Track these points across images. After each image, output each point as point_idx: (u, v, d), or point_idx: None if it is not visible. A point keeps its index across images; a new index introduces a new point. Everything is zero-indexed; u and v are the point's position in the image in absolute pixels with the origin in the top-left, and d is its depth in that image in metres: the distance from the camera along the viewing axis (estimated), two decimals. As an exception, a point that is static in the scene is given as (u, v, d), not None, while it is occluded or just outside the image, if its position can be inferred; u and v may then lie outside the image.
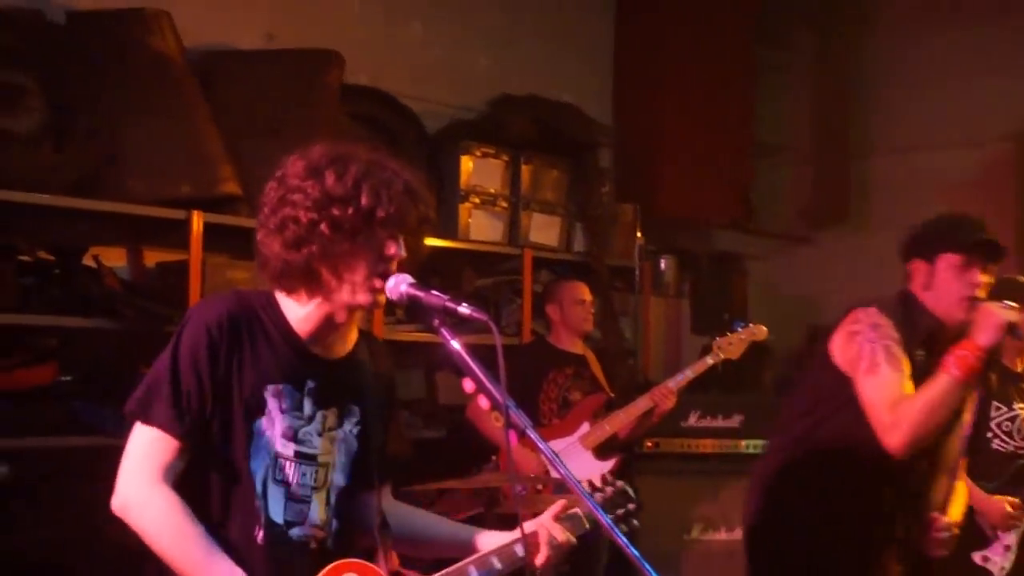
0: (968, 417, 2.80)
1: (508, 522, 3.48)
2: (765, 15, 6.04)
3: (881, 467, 2.65)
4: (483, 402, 3.86)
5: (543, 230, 5.14)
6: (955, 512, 2.77)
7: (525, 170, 5.08)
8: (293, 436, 1.95)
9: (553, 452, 1.92)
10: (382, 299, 1.94)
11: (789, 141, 6.23)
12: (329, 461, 1.99)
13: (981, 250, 2.64)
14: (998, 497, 3.48)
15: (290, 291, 1.95)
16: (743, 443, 4.80)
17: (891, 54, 6.07)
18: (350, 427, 2.03)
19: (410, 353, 4.83)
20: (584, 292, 4.49)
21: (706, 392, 4.75)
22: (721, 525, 4.72)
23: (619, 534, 1.84)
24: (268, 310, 1.97)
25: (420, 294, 1.92)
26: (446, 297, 1.91)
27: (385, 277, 1.93)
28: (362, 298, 1.93)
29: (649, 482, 4.63)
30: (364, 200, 1.88)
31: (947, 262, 2.66)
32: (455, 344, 1.91)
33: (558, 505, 2.12)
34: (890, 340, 2.63)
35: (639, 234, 5.43)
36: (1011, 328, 2.55)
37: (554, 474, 4.16)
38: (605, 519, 1.88)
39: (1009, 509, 3.47)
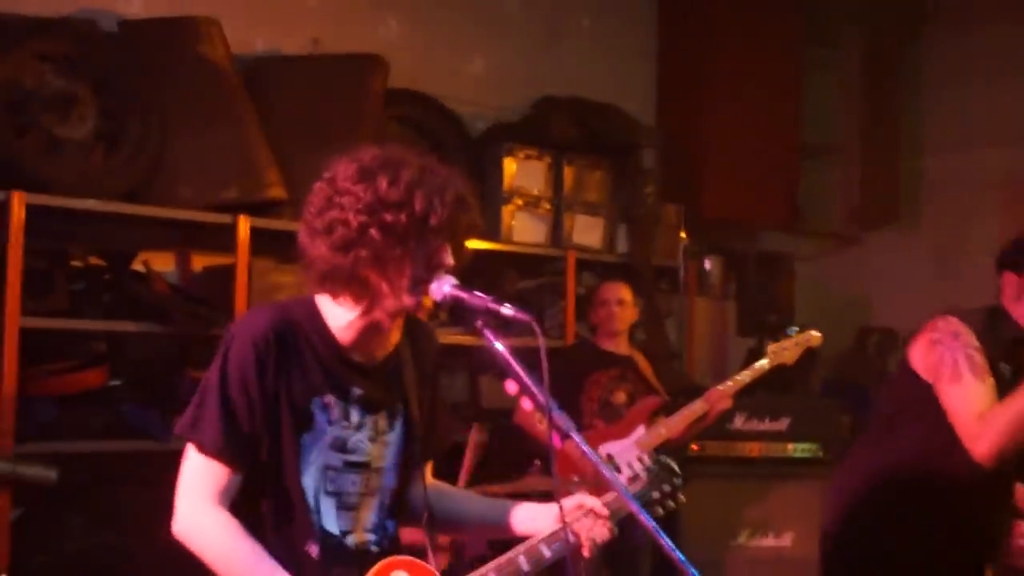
0: None
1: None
2: (813, 13, 5.97)
3: (961, 475, 2.65)
4: (526, 404, 3.85)
5: (586, 231, 5.13)
6: None
7: (568, 171, 5.07)
8: (342, 446, 1.97)
9: (602, 457, 1.91)
10: (428, 304, 1.93)
11: (837, 140, 6.16)
12: (381, 465, 2.01)
13: None
14: None
15: (334, 295, 1.94)
16: (790, 446, 4.74)
17: (941, 50, 5.98)
18: (399, 427, 2.04)
19: (454, 356, 4.83)
20: (611, 291, 4.45)
21: (752, 394, 4.69)
22: (769, 530, 4.66)
23: (663, 535, 1.81)
24: (310, 320, 1.96)
25: (464, 295, 1.93)
26: (489, 298, 1.91)
27: (430, 282, 1.92)
28: (408, 301, 1.92)
29: (695, 486, 4.50)
30: (417, 206, 1.87)
31: None
32: (499, 345, 1.91)
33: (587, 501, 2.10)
34: (970, 348, 2.63)
35: (683, 234, 5.39)
36: None
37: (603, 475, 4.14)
38: (649, 522, 1.86)
39: None
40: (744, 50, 5.55)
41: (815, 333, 4.21)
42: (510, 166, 4.92)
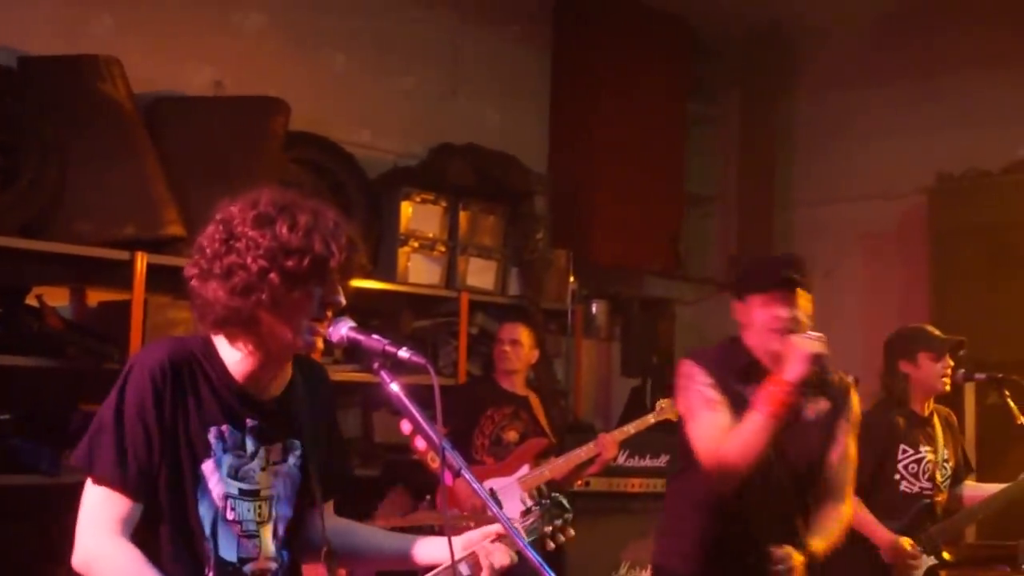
0: (849, 450, 2.89)
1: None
2: (696, 72, 6.30)
3: (730, 501, 2.79)
4: (420, 443, 3.95)
5: (479, 274, 5.29)
6: (816, 544, 2.78)
7: (463, 216, 5.24)
8: (236, 474, 1.99)
9: (487, 491, 2.03)
10: (320, 344, 1.98)
11: (717, 192, 6.48)
12: (272, 494, 2.02)
13: (779, 287, 2.76)
14: (900, 539, 3.63)
15: (230, 338, 1.97)
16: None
17: (811, 111, 6.33)
18: (294, 460, 2.05)
19: (346, 392, 4.91)
20: (505, 332, 4.61)
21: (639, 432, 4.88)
22: (648, 563, 4.83)
23: (548, 570, 1.90)
24: (206, 355, 1.98)
25: (361, 337, 1.98)
26: (386, 341, 1.97)
27: (324, 322, 1.98)
28: (302, 343, 1.96)
29: (579, 520, 4.71)
30: (316, 250, 1.91)
31: (753, 301, 2.79)
32: (394, 387, 1.97)
33: (493, 529, 2.16)
34: (702, 385, 2.80)
35: (572, 279, 5.60)
36: (817, 359, 2.65)
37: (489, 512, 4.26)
38: (535, 557, 1.95)
39: (907, 548, 3.61)
40: (632, 105, 5.83)
41: None
42: (407, 209, 5.05)
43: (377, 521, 4.06)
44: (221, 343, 1.99)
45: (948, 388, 3.81)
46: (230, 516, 1.97)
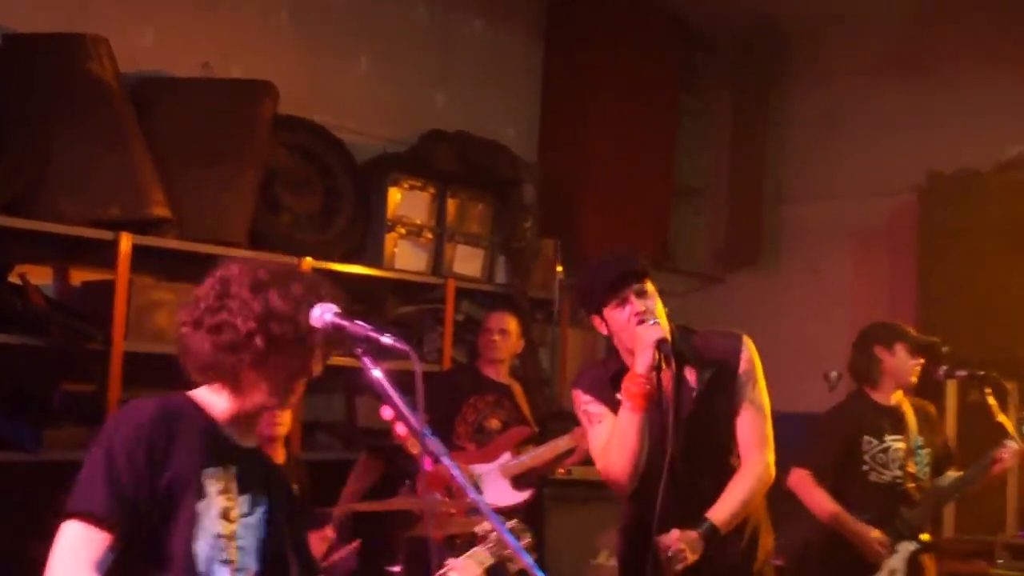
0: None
1: (420, 544, 3.60)
2: (687, 64, 6.29)
3: (634, 503, 2.89)
4: (401, 429, 3.95)
5: (466, 261, 5.29)
6: (716, 514, 2.79)
7: (451, 203, 5.23)
8: (227, 516, 2.03)
9: (466, 478, 2.03)
10: (292, 404, 2.11)
11: (707, 185, 6.48)
12: (245, 545, 2.05)
13: (618, 284, 2.79)
14: (868, 530, 3.68)
15: (211, 385, 2.06)
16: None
17: (803, 106, 6.33)
18: (260, 514, 2.09)
19: (331, 376, 4.87)
20: (494, 320, 4.60)
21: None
22: (627, 552, 4.86)
23: (528, 558, 1.94)
24: (191, 405, 2.06)
25: (344, 323, 2.01)
26: (369, 327, 2.00)
27: (297, 391, 2.08)
28: (274, 403, 2.07)
29: (559, 510, 4.78)
30: (302, 321, 2.01)
31: (607, 312, 2.83)
32: (376, 372, 1.99)
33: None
34: (583, 404, 2.93)
35: (560, 268, 5.60)
36: (660, 345, 2.69)
37: (468, 498, 4.28)
38: (514, 543, 1.98)
39: (875, 535, 3.68)
40: (623, 95, 5.82)
41: None
42: (395, 195, 5.04)
43: (347, 488, 4.05)
44: (203, 393, 2.08)
45: (914, 382, 3.85)
46: (224, 557, 2.01)
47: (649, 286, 2.85)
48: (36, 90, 4.01)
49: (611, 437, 2.81)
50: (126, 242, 4.08)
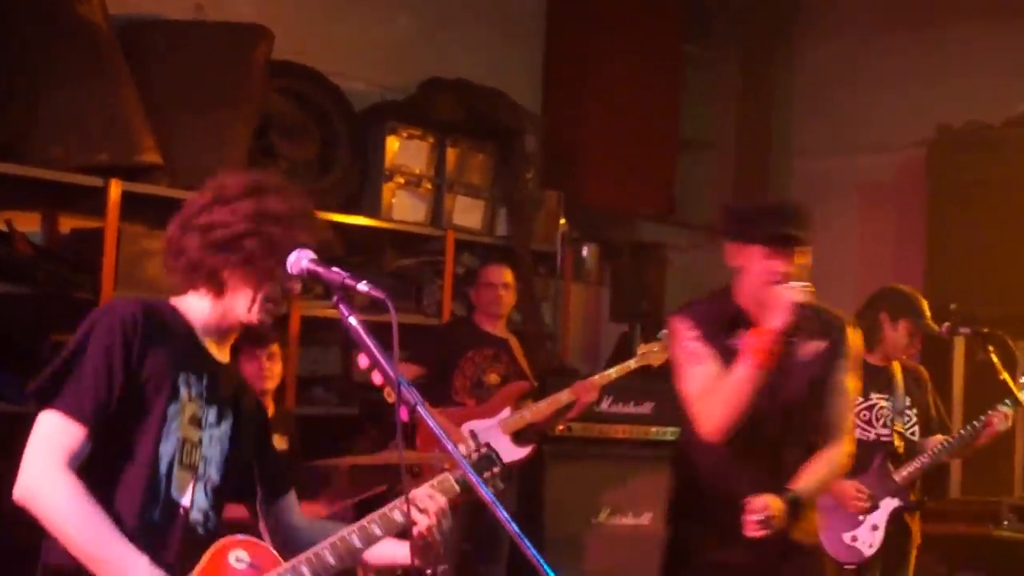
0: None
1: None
2: (696, 14, 6.13)
3: (722, 455, 2.77)
4: (376, 378, 3.89)
5: (467, 213, 5.19)
6: (802, 485, 2.75)
7: (451, 153, 5.12)
8: (198, 422, 2.05)
9: (441, 428, 1.96)
10: (269, 320, 2.10)
11: (713, 137, 6.35)
12: (208, 455, 2.07)
13: (785, 241, 2.69)
14: (846, 482, 3.64)
15: (194, 289, 2.05)
16: (653, 429, 4.90)
17: (812, 58, 6.21)
18: (226, 428, 2.10)
19: (327, 330, 4.85)
20: (497, 275, 4.53)
21: (623, 378, 4.83)
22: (628, 510, 4.81)
23: (500, 508, 1.88)
24: (171, 311, 2.07)
25: (320, 270, 1.99)
26: (346, 274, 1.96)
27: (278, 305, 2.08)
28: (255, 317, 2.07)
29: (559, 466, 4.72)
30: (297, 230, 2.03)
31: (752, 251, 2.72)
32: (352, 320, 1.96)
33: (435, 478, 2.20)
34: (688, 339, 2.78)
35: (563, 221, 5.50)
36: (799, 308, 2.63)
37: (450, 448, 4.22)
38: (489, 495, 1.92)
39: (854, 492, 3.67)
40: (628, 45, 5.68)
41: None
42: (393, 144, 4.93)
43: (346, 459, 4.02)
44: (185, 300, 2.08)
45: (904, 358, 3.87)
46: (188, 461, 2.03)
47: (805, 259, 2.75)
48: (24, 33, 3.91)
49: (719, 386, 2.70)
50: (116, 189, 4.01)
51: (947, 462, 3.94)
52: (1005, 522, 4.51)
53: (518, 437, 4.35)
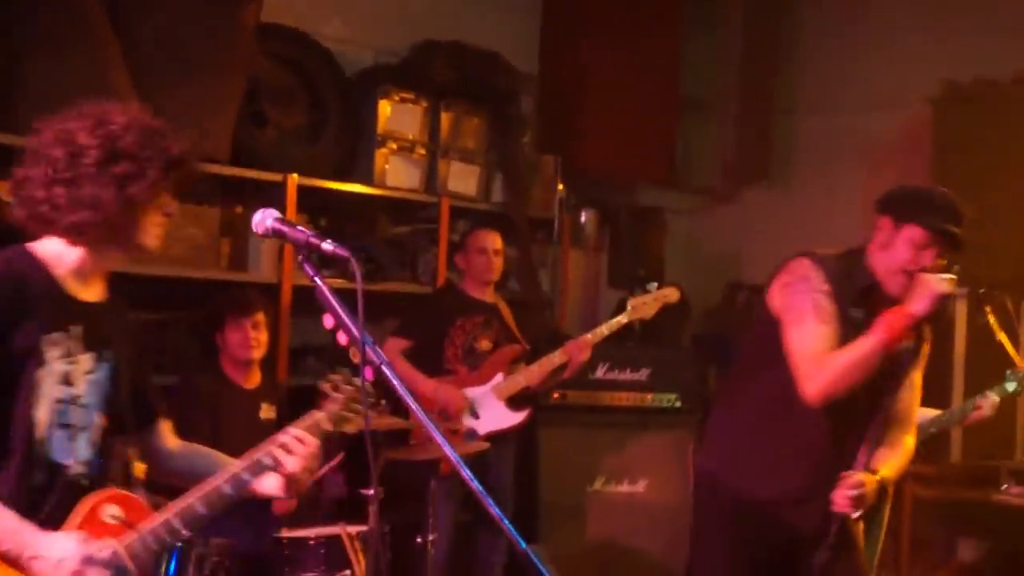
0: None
1: (399, 467, 3.50)
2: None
3: (813, 412, 2.73)
4: (342, 338, 3.85)
5: (461, 179, 5.09)
6: (886, 470, 2.78)
7: (445, 117, 5.01)
8: (68, 380, 2.06)
9: (409, 392, 1.92)
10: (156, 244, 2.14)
11: (715, 98, 6.22)
12: (87, 402, 2.09)
13: (944, 238, 2.69)
14: None
15: (50, 233, 2.05)
16: (650, 396, 4.84)
17: (815, 14, 6.05)
18: (106, 370, 2.13)
19: (313, 299, 4.77)
20: (489, 240, 4.46)
21: (620, 345, 4.78)
22: (624, 478, 4.77)
23: (463, 466, 1.87)
24: (31, 264, 2.06)
25: (284, 228, 2.00)
26: (310, 233, 1.97)
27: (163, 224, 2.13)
28: (151, 241, 2.12)
29: (555, 433, 4.68)
30: (177, 155, 2.10)
31: (911, 232, 2.69)
32: (317, 280, 1.96)
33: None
34: (819, 292, 2.71)
35: (560, 186, 5.41)
36: (944, 300, 2.63)
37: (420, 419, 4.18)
38: (453, 455, 1.89)
39: None
40: (624, 3, 5.54)
41: (673, 290, 4.32)
42: (385, 108, 4.84)
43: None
44: (45, 247, 2.07)
45: None
46: (63, 421, 2.05)
47: (946, 262, 2.76)
48: (7, 1, 3.83)
49: (838, 353, 2.66)
50: (98, 157, 3.93)
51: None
52: (1004, 486, 4.45)
53: (513, 402, 4.30)
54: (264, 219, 2.00)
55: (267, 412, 3.89)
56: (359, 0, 5.15)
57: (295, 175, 4.45)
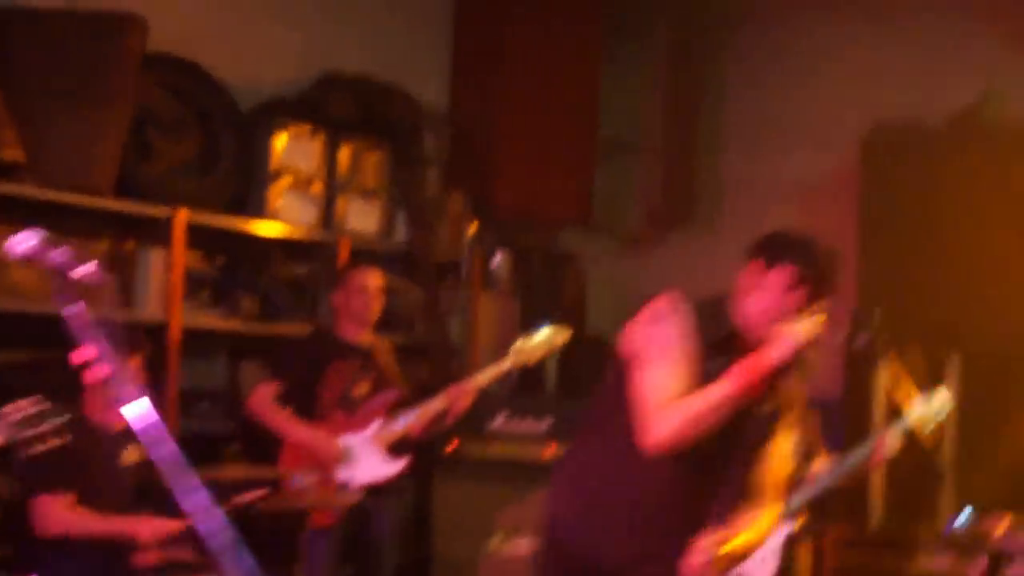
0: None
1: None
2: (620, 6, 5.89)
3: (658, 471, 2.57)
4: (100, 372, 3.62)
5: (361, 216, 4.90)
6: (750, 536, 2.66)
7: (343, 152, 4.83)
8: None
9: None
10: None
11: (638, 138, 6.09)
12: None
13: (815, 277, 2.58)
14: None
15: None
16: (550, 449, 4.60)
17: (741, 52, 5.95)
18: None
19: (214, 341, 4.58)
20: (370, 278, 4.25)
21: (524, 393, 4.58)
22: (524, 533, 4.52)
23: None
24: None
25: (39, 252, 1.84)
26: (69, 254, 1.83)
27: None
28: None
29: (451, 487, 4.47)
30: None
31: (780, 272, 2.58)
32: (71, 309, 1.82)
33: None
34: (684, 332, 2.56)
35: (472, 226, 5.22)
36: (804, 349, 2.52)
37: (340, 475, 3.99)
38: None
39: None
40: (542, 37, 5.40)
41: (562, 331, 4.13)
42: (280, 142, 4.66)
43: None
44: None
45: None
46: None
47: (821, 311, 2.61)
48: None
49: (686, 400, 2.50)
50: (-29, 188, 3.74)
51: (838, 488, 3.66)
52: (925, 554, 4.25)
53: (393, 450, 4.07)
54: (26, 240, 1.82)
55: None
56: (259, 31, 4.98)
57: (184, 209, 4.28)
